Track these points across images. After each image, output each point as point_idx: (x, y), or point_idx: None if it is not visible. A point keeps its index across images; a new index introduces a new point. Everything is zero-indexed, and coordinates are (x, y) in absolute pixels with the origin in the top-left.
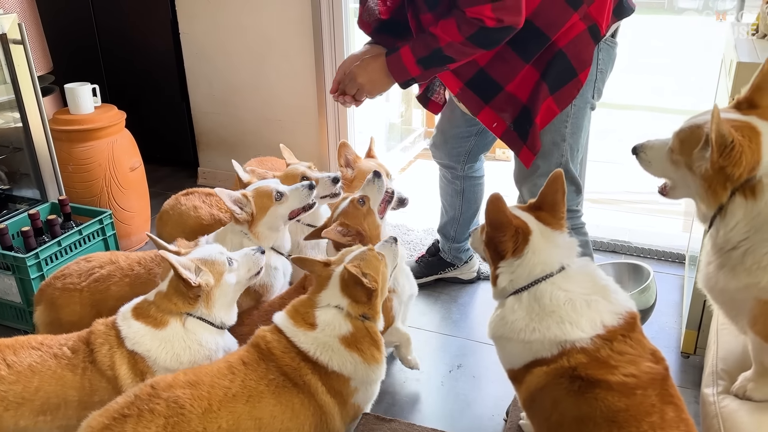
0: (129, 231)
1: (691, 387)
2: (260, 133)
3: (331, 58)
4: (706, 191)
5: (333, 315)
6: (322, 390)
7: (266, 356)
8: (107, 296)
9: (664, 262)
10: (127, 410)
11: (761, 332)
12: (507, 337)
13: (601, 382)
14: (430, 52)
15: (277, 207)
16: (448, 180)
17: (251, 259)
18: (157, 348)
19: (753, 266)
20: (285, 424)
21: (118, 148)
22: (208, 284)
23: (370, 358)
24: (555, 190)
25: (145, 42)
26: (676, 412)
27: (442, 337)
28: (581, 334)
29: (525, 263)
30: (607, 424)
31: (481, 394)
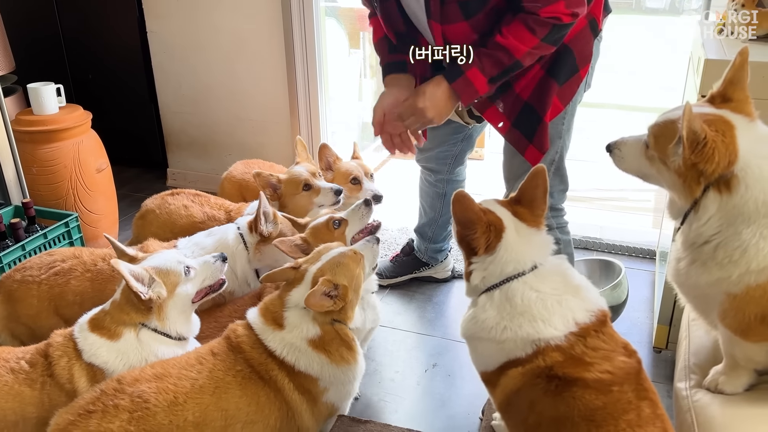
0: (96, 234)
1: (663, 381)
2: (231, 132)
3: (302, 57)
4: (681, 187)
5: (301, 317)
6: (290, 387)
7: (235, 349)
8: (66, 290)
9: (635, 259)
10: (92, 406)
11: (731, 326)
12: (479, 336)
13: (578, 381)
14: (504, 68)
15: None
16: (431, 183)
17: (211, 267)
18: (114, 360)
19: (724, 260)
20: (250, 416)
21: (84, 149)
22: (160, 296)
23: (339, 359)
24: (536, 185)
25: (111, 41)
26: (651, 408)
27: (417, 336)
28: (554, 332)
29: (497, 260)
30: (585, 423)
31: (457, 393)
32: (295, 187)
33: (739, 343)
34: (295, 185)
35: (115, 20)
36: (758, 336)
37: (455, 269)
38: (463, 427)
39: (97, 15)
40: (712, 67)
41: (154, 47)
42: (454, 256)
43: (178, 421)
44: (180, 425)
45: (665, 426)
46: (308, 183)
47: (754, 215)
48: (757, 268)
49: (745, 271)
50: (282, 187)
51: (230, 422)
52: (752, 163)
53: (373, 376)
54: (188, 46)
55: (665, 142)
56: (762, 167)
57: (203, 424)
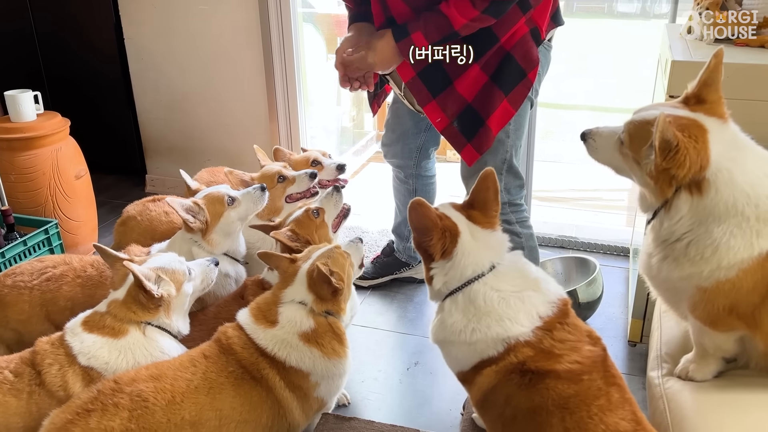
0: (76, 240)
1: (638, 374)
2: (210, 138)
3: (280, 62)
4: (652, 187)
5: (296, 311)
6: (281, 385)
7: (226, 350)
8: (58, 296)
9: (610, 256)
10: (90, 405)
11: (701, 317)
12: (449, 340)
13: (551, 372)
14: (444, 35)
15: (230, 211)
16: (401, 180)
17: (206, 269)
18: (117, 359)
19: (696, 257)
20: (243, 415)
21: (63, 156)
22: (170, 295)
23: (331, 352)
24: (486, 188)
25: (88, 48)
26: (620, 392)
27: (398, 335)
28: (522, 329)
29: (456, 265)
30: (559, 411)
31: (439, 389)
32: (269, 181)
33: (708, 332)
34: (270, 179)
35: (91, 27)
36: (726, 326)
37: None
38: (445, 422)
39: (74, 21)
40: (679, 69)
41: (132, 53)
42: None
43: (175, 419)
44: (178, 423)
45: (633, 408)
46: (282, 174)
47: (724, 215)
48: (728, 265)
49: (716, 267)
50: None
51: (224, 422)
52: (723, 167)
53: (356, 375)
54: (166, 51)
55: (639, 143)
56: (732, 171)
57: (199, 423)
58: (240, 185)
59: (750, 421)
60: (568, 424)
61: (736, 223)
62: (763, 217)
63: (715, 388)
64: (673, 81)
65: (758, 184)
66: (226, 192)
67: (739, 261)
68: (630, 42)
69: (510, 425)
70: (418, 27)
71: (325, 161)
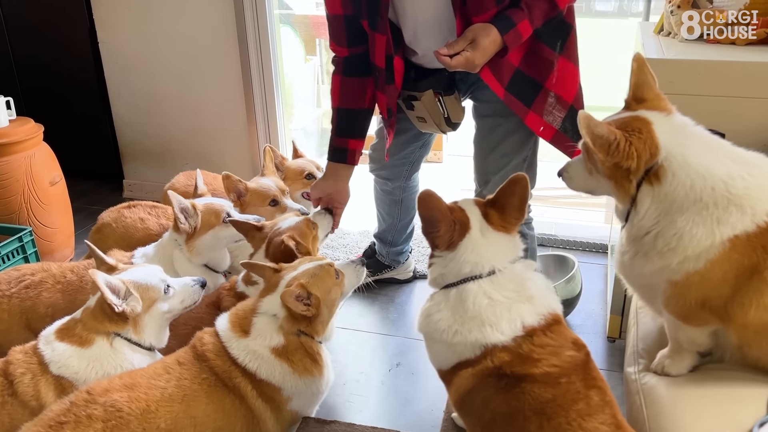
0: (51, 248)
1: (618, 370)
2: (188, 142)
3: (257, 64)
4: (615, 188)
5: (267, 324)
6: (253, 394)
7: (200, 357)
8: (38, 303)
9: (589, 253)
10: (63, 417)
11: (675, 311)
12: (432, 337)
13: (527, 376)
14: (548, 18)
15: (222, 229)
16: (387, 191)
17: (189, 290)
18: (86, 368)
19: (664, 248)
20: (218, 422)
21: (37, 163)
22: (134, 311)
23: (302, 370)
24: (513, 192)
25: (62, 52)
26: (600, 395)
27: (380, 337)
28: (501, 337)
29: (457, 259)
30: (536, 417)
31: (421, 390)
32: (261, 200)
33: (682, 327)
34: (263, 198)
35: (65, 31)
36: (699, 320)
37: (416, 270)
38: (427, 423)
39: (47, 26)
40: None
41: (107, 57)
42: (415, 257)
43: (151, 428)
44: None
45: (614, 411)
46: (276, 199)
47: (685, 202)
48: (694, 254)
49: (684, 258)
50: (248, 196)
51: (199, 429)
52: (675, 152)
53: (338, 378)
54: (141, 55)
55: (593, 153)
56: (684, 154)
57: (174, 431)
58: (233, 191)
59: (725, 413)
60: (546, 430)
61: (697, 210)
62: (721, 202)
63: (691, 382)
64: None
65: (712, 166)
66: (227, 209)
67: (704, 250)
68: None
69: (489, 428)
70: (523, 16)
71: (319, 176)
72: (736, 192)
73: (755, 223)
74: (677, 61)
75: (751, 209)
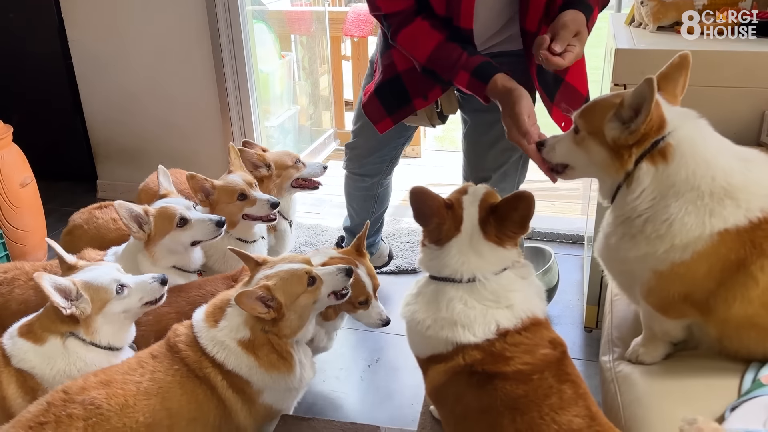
0: (24, 250)
1: (595, 359)
2: (162, 140)
3: (230, 61)
4: (611, 161)
5: (237, 316)
6: (223, 385)
7: (172, 349)
8: (10, 299)
9: (565, 244)
10: (42, 418)
11: (654, 303)
12: (409, 326)
13: (498, 374)
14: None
15: (178, 233)
16: (363, 187)
17: (147, 287)
18: (41, 364)
19: (652, 234)
20: (192, 413)
21: (6, 165)
22: (84, 312)
23: (268, 365)
24: (515, 207)
25: (30, 51)
26: (573, 388)
27: (359, 332)
28: (472, 338)
29: (440, 258)
30: (509, 412)
31: (400, 384)
32: (229, 196)
33: (658, 318)
34: (230, 194)
35: (33, 31)
36: (678, 313)
37: (392, 252)
38: (408, 416)
39: (14, 25)
40: (623, 57)
41: (77, 56)
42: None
43: (131, 423)
44: (133, 427)
45: (587, 404)
46: (244, 193)
47: (683, 188)
48: (681, 244)
49: (670, 247)
50: (215, 194)
51: (175, 420)
52: (684, 134)
53: (318, 375)
54: (112, 53)
55: (599, 118)
56: (693, 138)
57: (153, 424)
58: (199, 191)
59: (698, 399)
60: (519, 426)
61: (692, 198)
62: (718, 193)
63: (665, 370)
64: (618, 69)
65: (716, 156)
66: (180, 212)
67: (692, 240)
68: None
69: (462, 423)
70: (596, 4)
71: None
72: (735, 184)
73: (747, 218)
74: (648, 51)
75: (746, 203)
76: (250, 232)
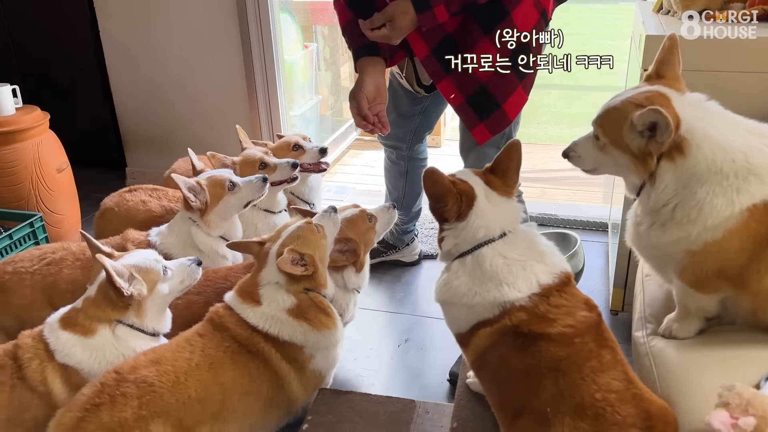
0: (60, 234)
1: (622, 341)
2: (190, 129)
3: (258, 49)
4: (635, 165)
5: (275, 291)
6: (277, 357)
7: (220, 328)
8: (59, 279)
9: (589, 231)
10: (97, 399)
11: (688, 280)
12: (452, 302)
13: (543, 335)
14: (466, 3)
15: (230, 196)
16: (393, 161)
17: (186, 270)
18: (89, 358)
19: (683, 220)
20: (245, 387)
21: (44, 150)
22: (141, 294)
23: (319, 324)
24: (510, 157)
25: (62, 41)
26: (612, 354)
27: (388, 314)
28: (518, 294)
29: (469, 227)
30: (551, 373)
31: (430, 364)
32: (251, 167)
33: (693, 294)
34: (251, 165)
35: (65, 21)
36: (712, 288)
37: (422, 252)
38: (438, 393)
39: (47, 15)
40: (653, 43)
41: (108, 46)
42: (420, 239)
43: (183, 398)
44: (185, 402)
45: (625, 369)
46: (264, 161)
47: (706, 174)
48: (713, 225)
49: (702, 229)
50: (237, 169)
51: (228, 395)
52: (695, 125)
53: (349, 354)
54: (142, 43)
55: (616, 126)
56: (705, 127)
57: (205, 399)
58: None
59: (733, 369)
60: (561, 386)
61: (717, 181)
62: (741, 173)
63: (698, 343)
64: (648, 54)
65: (732, 139)
66: (228, 177)
67: (723, 220)
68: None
69: (505, 386)
70: (441, 2)
71: (307, 145)
72: (755, 162)
73: None
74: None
75: None
76: (275, 201)
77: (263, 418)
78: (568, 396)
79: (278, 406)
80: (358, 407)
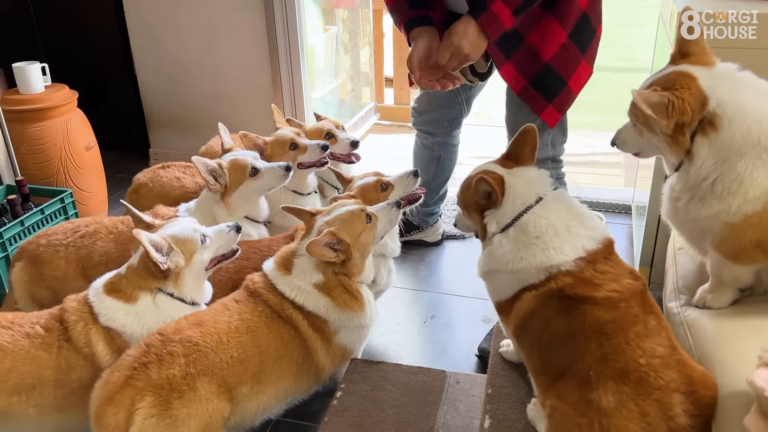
0: (88, 211)
1: None
2: (213, 110)
3: (283, 31)
4: (671, 144)
5: (307, 263)
6: (305, 324)
7: (254, 294)
8: (92, 251)
9: (613, 214)
10: (144, 358)
11: (725, 252)
12: (496, 270)
13: (588, 299)
14: None
15: (251, 182)
16: (426, 146)
17: (225, 236)
18: (132, 323)
19: (723, 193)
20: (278, 351)
21: (73, 128)
22: (178, 266)
23: (343, 304)
24: (524, 143)
25: (86, 21)
26: (657, 320)
27: (413, 292)
28: (565, 258)
29: (508, 202)
30: (596, 336)
31: (455, 339)
32: (281, 147)
33: (728, 265)
34: (282, 145)
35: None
36: (749, 259)
37: (445, 232)
38: (465, 367)
39: None
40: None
41: (132, 26)
42: (443, 219)
43: (226, 358)
44: (228, 362)
45: (670, 335)
46: (294, 142)
47: (743, 147)
48: (753, 197)
49: (743, 201)
50: (268, 149)
51: (264, 357)
52: (726, 99)
53: (375, 329)
54: (167, 24)
55: (643, 113)
56: (737, 100)
57: (245, 360)
58: (253, 149)
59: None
60: (606, 349)
61: (756, 154)
62: None
63: (732, 312)
64: None
65: (766, 107)
66: (251, 162)
67: (764, 192)
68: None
69: (547, 349)
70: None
71: (340, 135)
72: None
73: None
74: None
75: None
76: (304, 183)
77: (295, 383)
78: (612, 360)
79: (308, 373)
80: (390, 376)
